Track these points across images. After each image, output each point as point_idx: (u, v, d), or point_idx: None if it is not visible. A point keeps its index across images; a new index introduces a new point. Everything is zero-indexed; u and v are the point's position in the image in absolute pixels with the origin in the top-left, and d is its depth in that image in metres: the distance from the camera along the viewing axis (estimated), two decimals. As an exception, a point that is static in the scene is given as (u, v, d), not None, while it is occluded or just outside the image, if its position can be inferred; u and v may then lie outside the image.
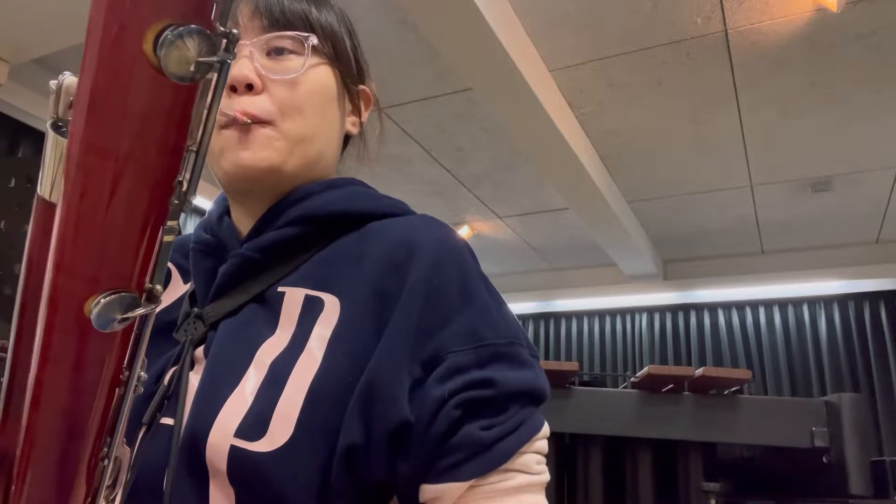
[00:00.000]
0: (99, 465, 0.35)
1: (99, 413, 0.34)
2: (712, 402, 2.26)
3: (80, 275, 0.29)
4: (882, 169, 3.84)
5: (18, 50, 2.79)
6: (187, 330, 0.56)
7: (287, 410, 0.47)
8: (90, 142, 0.27)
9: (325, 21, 0.61)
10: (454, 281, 0.53)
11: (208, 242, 0.61)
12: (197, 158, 0.29)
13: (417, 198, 4.37)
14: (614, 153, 3.80)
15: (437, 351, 0.50)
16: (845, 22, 2.65)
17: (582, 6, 2.66)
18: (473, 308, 0.53)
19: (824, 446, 2.06)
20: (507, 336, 0.52)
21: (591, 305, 5.80)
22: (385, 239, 0.57)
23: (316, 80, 0.59)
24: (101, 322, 0.29)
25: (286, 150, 0.57)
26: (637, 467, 2.32)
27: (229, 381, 0.50)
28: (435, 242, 0.55)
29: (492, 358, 0.50)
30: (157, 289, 0.31)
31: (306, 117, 0.58)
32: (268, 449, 0.46)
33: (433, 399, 0.48)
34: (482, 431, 0.48)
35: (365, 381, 0.48)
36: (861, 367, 4.84)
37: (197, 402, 0.50)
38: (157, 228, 0.30)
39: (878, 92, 3.12)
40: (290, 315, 0.54)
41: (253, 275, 0.57)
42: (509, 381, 0.50)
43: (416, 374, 0.49)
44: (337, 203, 0.59)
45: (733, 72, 3.01)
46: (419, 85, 3.22)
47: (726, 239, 4.97)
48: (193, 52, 0.26)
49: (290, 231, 0.57)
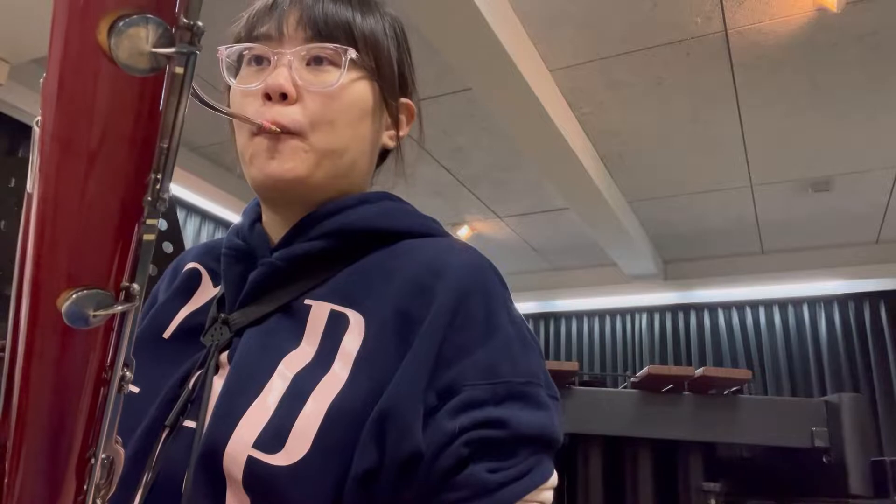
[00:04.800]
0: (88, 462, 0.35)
1: (85, 411, 0.33)
2: (712, 402, 2.26)
3: (55, 269, 0.29)
4: (882, 169, 3.84)
5: (18, 50, 2.79)
6: (213, 335, 0.57)
7: (306, 427, 0.47)
8: (57, 135, 0.27)
9: (370, 31, 0.60)
10: (479, 311, 0.53)
11: (239, 248, 0.61)
12: (168, 156, 0.29)
13: (417, 198, 4.35)
14: (614, 153, 3.80)
15: (454, 382, 0.50)
16: (845, 22, 2.65)
17: (582, 6, 2.65)
18: (495, 342, 0.52)
19: (824, 446, 2.06)
20: (525, 374, 0.52)
21: (591, 305, 5.80)
22: (414, 260, 0.56)
23: (352, 95, 0.59)
24: (73, 318, 0.29)
25: (313, 162, 0.57)
26: (637, 467, 2.32)
27: (252, 389, 0.50)
28: (463, 269, 0.55)
29: (507, 396, 0.50)
30: (134, 287, 0.30)
31: (337, 131, 0.57)
32: (284, 463, 0.46)
33: (444, 433, 0.48)
34: (488, 474, 0.47)
35: (381, 408, 0.48)
36: (861, 367, 4.84)
37: (218, 408, 0.50)
38: (132, 226, 0.30)
39: (877, 92, 3.12)
40: (314, 329, 0.54)
41: (281, 284, 0.57)
42: (522, 423, 0.49)
43: (431, 403, 0.49)
44: (370, 219, 0.59)
45: (733, 72, 3.01)
46: (419, 85, 3.21)
47: (726, 239, 4.97)
48: (147, 43, 0.25)
49: (320, 244, 0.57)
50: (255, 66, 0.58)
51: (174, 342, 0.59)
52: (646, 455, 2.32)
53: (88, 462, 0.35)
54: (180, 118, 0.28)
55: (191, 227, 4.35)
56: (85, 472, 0.35)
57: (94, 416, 0.34)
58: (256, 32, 0.58)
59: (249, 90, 0.57)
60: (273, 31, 0.58)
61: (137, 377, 0.55)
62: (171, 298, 0.63)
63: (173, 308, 0.62)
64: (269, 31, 0.58)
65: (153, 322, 0.61)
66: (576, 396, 2.32)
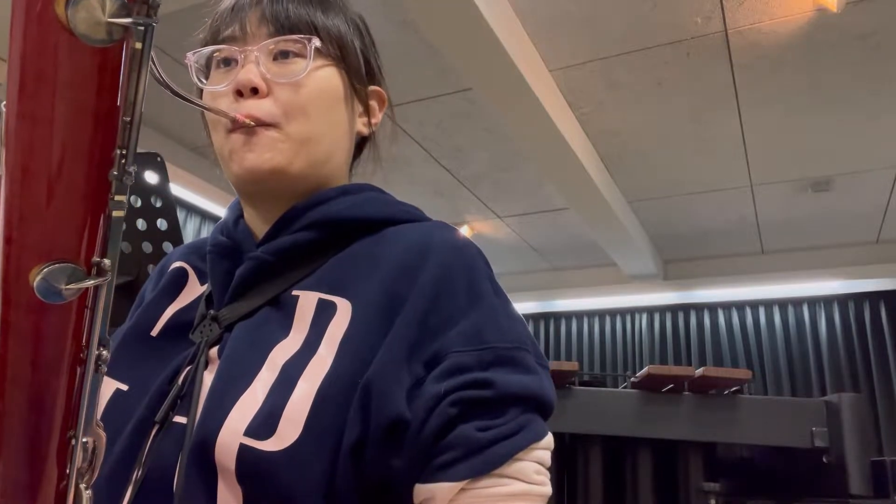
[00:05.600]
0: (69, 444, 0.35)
1: (63, 390, 0.34)
2: (712, 402, 2.25)
3: (26, 245, 0.29)
4: (882, 169, 3.84)
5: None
6: (203, 331, 0.57)
7: (296, 411, 0.48)
8: (21, 110, 0.27)
9: (332, 24, 0.61)
10: (462, 282, 0.54)
11: (224, 244, 0.62)
12: (132, 130, 0.29)
13: (417, 198, 4.37)
14: (614, 153, 3.80)
15: (440, 351, 0.50)
16: (845, 22, 2.65)
17: (582, 6, 2.65)
18: (480, 310, 0.53)
19: (824, 446, 2.06)
20: (512, 340, 0.52)
21: (591, 305, 5.79)
22: (400, 244, 0.57)
23: (320, 82, 0.59)
24: (45, 292, 0.29)
25: (291, 151, 0.57)
26: (637, 467, 2.32)
27: (242, 381, 0.51)
28: (446, 244, 0.56)
29: (494, 361, 0.50)
30: (105, 262, 0.31)
31: (311, 119, 0.58)
32: (276, 448, 0.46)
33: (429, 396, 0.48)
34: (477, 432, 0.47)
35: (366, 379, 0.49)
36: (861, 367, 4.84)
37: (209, 401, 0.50)
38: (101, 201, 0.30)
39: (877, 92, 3.12)
40: (303, 318, 0.54)
41: (268, 278, 0.58)
42: (510, 384, 0.49)
43: (419, 373, 0.49)
44: (352, 209, 0.60)
45: (733, 72, 3.01)
46: (419, 85, 3.22)
47: (726, 239, 4.97)
48: (104, 14, 0.26)
49: (305, 235, 0.58)
50: (224, 68, 0.60)
51: (162, 340, 0.60)
52: (646, 455, 2.32)
53: (69, 444, 0.35)
54: (141, 91, 0.29)
55: (191, 227, 4.35)
56: (66, 455, 0.35)
57: (71, 395, 0.34)
58: (222, 35, 0.60)
59: (220, 91, 0.58)
60: (237, 31, 0.59)
61: (126, 375, 0.56)
62: (158, 297, 0.64)
63: (160, 306, 0.62)
64: (233, 32, 0.59)
65: (140, 320, 0.61)
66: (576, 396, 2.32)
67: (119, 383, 0.56)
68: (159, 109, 3.51)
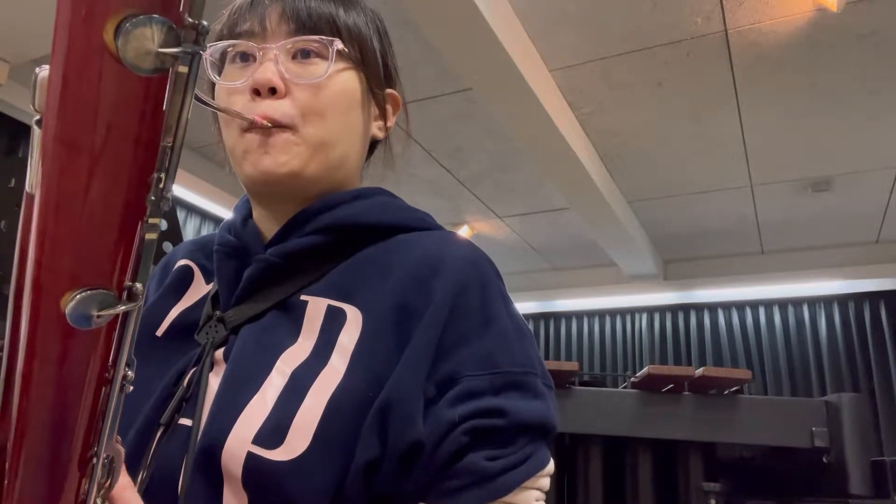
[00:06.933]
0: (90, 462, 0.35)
1: (87, 411, 0.33)
2: (712, 402, 2.26)
3: (58, 270, 0.29)
4: (882, 169, 3.84)
5: (18, 50, 2.79)
6: (209, 332, 0.56)
7: (306, 421, 0.47)
8: (60, 136, 0.27)
9: (353, 24, 0.60)
10: (477, 303, 0.54)
11: (231, 244, 0.60)
12: (172, 155, 0.29)
13: (417, 198, 4.37)
14: (614, 153, 3.80)
15: (453, 373, 0.50)
16: (845, 22, 2.65)
17: (582, 6, 2.66)
18: (493, 333, 0.53)
19: (824, 446, 2.06)
20: (523, 364, 0.52)
21: (591, 305, 5.80)
22: (412, 253, 0.56)
23: (340, 85, 0.58)
24: (77, 318, 0.29)
25: (307, 155, 0.56)
26: (637, 467, 2.32)
27: (249, 386, 0.50)
28: (461, 261, 0.55)
29: (506, 386, 0.50)
30: (136, 287, 0.30)
31: (328, 122, 0.57)
32: (284, 458, 0.46)
33: (444, 422, 0.48)
34: (487, 462, 0.48)
35: (383, 398, 0.48)
36: (861, 367, 4.84)
37: (216, 406, 0.50)
38: (135, 225, 0.30)
39: (877, 92, 3.12)
40: (312, 324, 0.54)
41: (276, 281, 0.57)
42: (521, 412, 0.50)
43: (430, 394, 0.50)
44: (365, 214, 0.59)
45: (733, 72, 3.01)
46: (419, 85, 3.22)
47: (726, 239, 4.97)
48: (154, 43, 0.25)
49: (315, 239, 0.57)
50: (240, 63, 0.58)
51: (167, 340, 0.59)
52: (646, 455, 2.32)
53: (90, 462, 0.35)
54: (185, 117, 0.28)
55: (191, 227, 4.36)
56: (86, 472, 0.35)
57: (95, 415, 0.34)
58: (239, 29, 0.58)
59: (236, 87, 0.57)
60: (256, 26, 0.57)
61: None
62: (163, 296, 0.62)
63: (165, 305, 0.61)
64: (251, 27, 0.58)
65: (145, 320, 0.60)
66: (576, 396, 2.32)
67: None
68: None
